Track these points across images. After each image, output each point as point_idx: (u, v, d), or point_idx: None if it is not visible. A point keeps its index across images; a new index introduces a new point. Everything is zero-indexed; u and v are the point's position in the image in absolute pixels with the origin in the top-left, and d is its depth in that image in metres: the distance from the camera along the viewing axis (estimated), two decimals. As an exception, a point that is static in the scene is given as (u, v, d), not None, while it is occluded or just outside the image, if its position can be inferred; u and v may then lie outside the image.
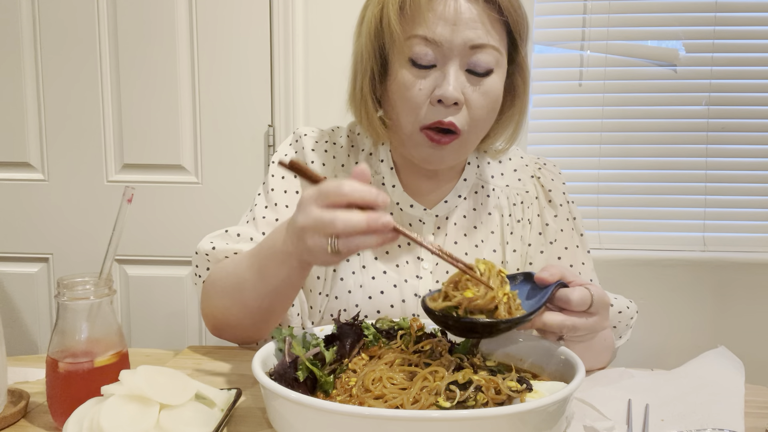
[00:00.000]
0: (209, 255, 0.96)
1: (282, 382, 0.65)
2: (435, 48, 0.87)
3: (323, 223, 0.68)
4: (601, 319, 0.77)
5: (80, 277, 0.69)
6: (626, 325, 0.98)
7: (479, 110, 0.91)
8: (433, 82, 0.89)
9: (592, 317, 0.76)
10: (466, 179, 1.04)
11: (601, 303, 0.77)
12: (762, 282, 1.75)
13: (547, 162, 1.12)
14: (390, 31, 0.89)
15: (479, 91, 0.90)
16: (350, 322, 0.79)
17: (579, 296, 0.75)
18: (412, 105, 0.90)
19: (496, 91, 0.92)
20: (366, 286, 0.98)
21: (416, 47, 0.88)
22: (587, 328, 0.76)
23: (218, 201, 1.74)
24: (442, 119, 0.89)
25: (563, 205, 1.07)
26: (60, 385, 0.68)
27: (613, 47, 1.75)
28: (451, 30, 0.87)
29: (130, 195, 0.71)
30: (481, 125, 0.93)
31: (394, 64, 0.92)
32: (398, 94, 0.91)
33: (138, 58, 1.71)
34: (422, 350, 0.74)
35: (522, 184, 1.07)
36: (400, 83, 0.90)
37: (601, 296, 0.77)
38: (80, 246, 1.79)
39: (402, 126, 0.93)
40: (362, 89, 0.96)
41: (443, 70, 0.89)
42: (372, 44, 0.93)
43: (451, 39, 0.87)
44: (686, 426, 0.70)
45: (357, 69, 0.96)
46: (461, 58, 0.88)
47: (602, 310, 0.77)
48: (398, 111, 0.92)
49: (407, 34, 0.89)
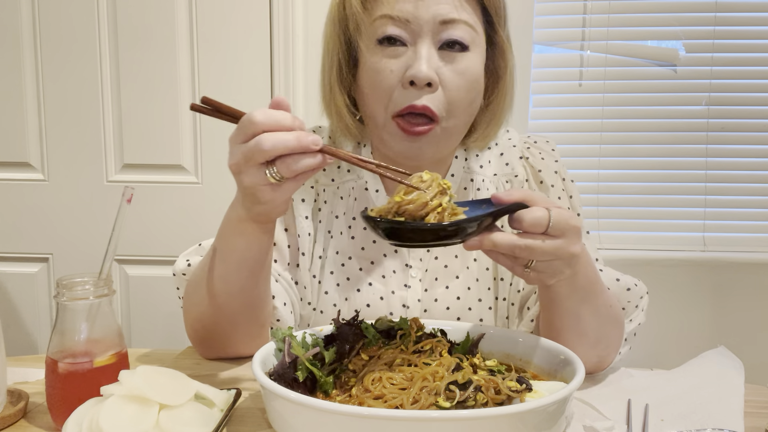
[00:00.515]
0: (187, 273, 0.93)
1: (282, 382, 0.65)
2: (403, 26, 0.83)
3: (250, 150, 0.66)
4: (566, 243, 0.69)
5: (80, 277, 0.69)
6: (636, 306, 0.91)
7: (456, 92, 0.85)
8: (405, 63, 0.84)
9: (554, 240, 0.68)
10: (453, 175, 0.99)
11: (566, 225, 0.68)
12: (762, 282, 1.75)
13: (538, 139, 1.05)
14: (354, 15, 0.86)
15: (455, 71, 0.85)
16: (350, 322, 0.79)
17: (532, 216, 0.67)
18: (382, 89, 0.85)
19: (473, 71, 0.86)
20: (351, 299, 0.94)
21: (383, 27, 0.84)
22: (547, 252, 0.68)
23: (218, 201, 1.74)
24: (415, 103, 0.84)
25: (555, 185, 0.99)
26: (59, 385, 0.68)
27: (613, 47, 1.75)
28: (417, 5, 0.83)
29: (129, 195, 0.71)
30: (460, 110, 0.87)
31: (362, 51, 0.87)
32: (367, 80, 0.87)
33: (138, 58, 1.71)
34: (422, 350, 0.74)
35: (510, 169, 1.00)
36: (370, 68, 0.86)
37: (566, 218, 0.68)
38: (80, 246, 1.79)
39: (373, 117, 0.88)
40: (330, 82, 0.91)
41: (414, 49, 0.84)
42: (337, 34, 0.89)
43: (418, 14, 0.83)
44: (686, 426, 0.70)
45: (324, 63, 0.93)
46: (432, 35, 0.84)
47: (568, 234, 0.69)
48: (368, 100, 0.88)
49: (373, 16, 0.85)
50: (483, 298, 0.95)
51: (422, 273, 0.96)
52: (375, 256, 0.96)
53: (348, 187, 0.98)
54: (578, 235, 0.70)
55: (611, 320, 0.84)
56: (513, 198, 0.70)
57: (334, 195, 0.98)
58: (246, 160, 0.68)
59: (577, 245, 0.70)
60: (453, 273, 0.95)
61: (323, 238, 0.98)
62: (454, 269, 0.96)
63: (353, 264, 0.96)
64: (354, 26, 0.87)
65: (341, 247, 0.97)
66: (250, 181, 0.69)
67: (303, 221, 0.97)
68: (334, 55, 0.90)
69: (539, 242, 0.68)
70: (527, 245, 0.68)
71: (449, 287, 0.95)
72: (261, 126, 0.67)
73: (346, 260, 0.96)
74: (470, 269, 0.96)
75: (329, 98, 0.92)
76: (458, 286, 0.95)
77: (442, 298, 0.95)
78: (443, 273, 0.95)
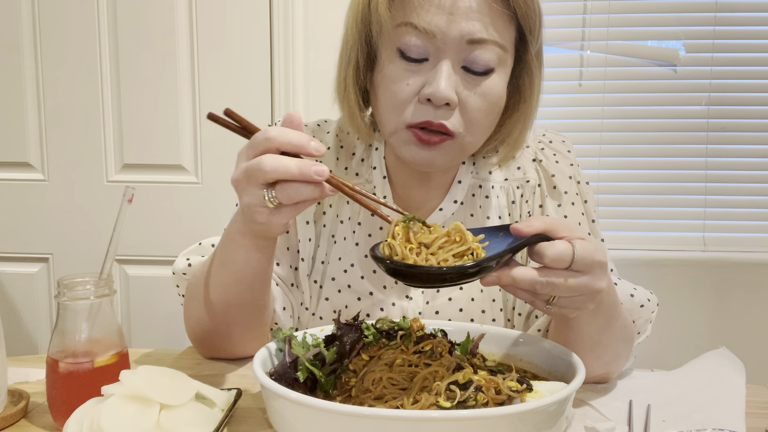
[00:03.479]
0: (187, 273, 0.92)
1: (282, 382, 0.65)
2: (427, 39, 0.78)
3: (251, 170, 0.65)
4: (592, 279, 0.65)
5: (80, 277, 0.69)
6: (646, 320, 0.88)
7: (476, 113, 0.81)
8: (424, 78, 0.79)
9: (578, 276, 0.64)
10: (461, 181, 0.95)
11: (592, 261, 0.64)
12: (762, 282, 1.75)
13: (553, 138, 0.99)
14: (378, 16, 0.80)
15: (476, 93, 0.80)
16: (350, 323, 0.79)
17: (555, 250, 0.63)
18: (396, 101, 0.81)
19: (496, 93, 0.82)
20: (351, 307, 0.93)
21: (406, 36, 0.78)
22: (572, 289, 0.64)
23: (218, 201, 1.74)
24: (431, 120, 0.80)
25: (569, 191, 0.95)
26: (60, 385, 0.68)
27: (613, 47, 1.75)
28: (446, 20, 0.76)
29: (130, 195, 0.71)
30: (479, 129, 0.83)
31: (381, 54, 0.83)
32: (383, 87, 0.82)
33: (138, 58, 1.71)
34: (422, 351, 0.74)
35: (522, 173, 0.96)
36: (386, 76, 0.81)
37: (591, 252, 0.64)
38: (80, 246, 1.78)
39: (385, 123, 0.84)
40: (345, 79, 0.87)
41: (436, 65, 0.79)
42: (359, 30, 0.84)
43: (446, 30, 0.77)
44: (687, 426, 0.70)
45: (342, 57, 0.88)
46: (457, 53, 0.78)
47: (594, 269, 0.65)
48: (382, 107, 0.83)
49: (397, 21, 0.79)
50: (486, 310, 0.93)
51: None
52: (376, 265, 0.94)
53: None
54: (604, 270, 0.66)
55: (624, 339, 0.82)
56: (533, 229, 0.65)
57: (340, 198, 0.96)
58: (247, 178, 0.67)
59: (602, 281, 0.66)
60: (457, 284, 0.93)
61: (326, 242, 0.95)
62: None
63: (356, 271, 0.94)
64: (377, 28, 0.82)
65: (344, 253, 0.94)
66: (248, 200, 0.68)
67: (304, 226, 0.95)
68: (352, 53, 0.85)
69: (562, 279, 0.64)
70: (549, 282, 0.64)
71: (452, 299, 0.93)
72: (275, 143, 0.65)
73: (349, 267, 0.94)
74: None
75: (343, 95, 0.89)
76: (461, 297, 0.93)
77: (444, 309, 0.93)
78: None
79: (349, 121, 0.90)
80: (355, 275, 0.93)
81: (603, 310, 0.75)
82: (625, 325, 0.81)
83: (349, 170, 0.97)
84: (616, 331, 0.79)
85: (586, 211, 0.97)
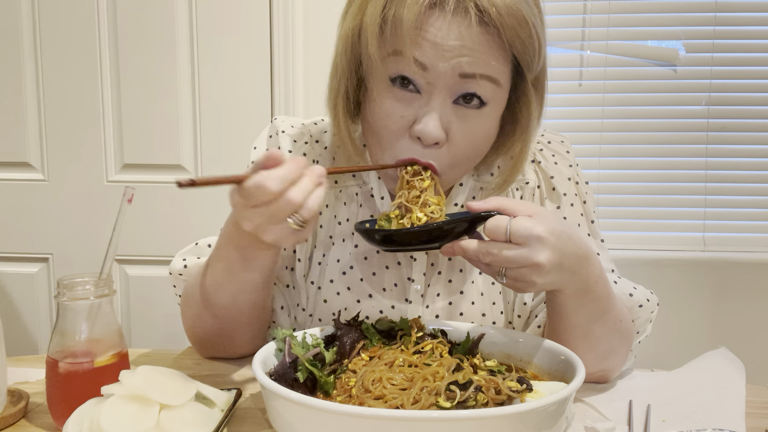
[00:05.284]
0: (183, 273, 0.93)
1: (282, 382, 0.65)
2: (419, 72, 0.76)
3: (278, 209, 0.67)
4: (529, 251, 0.69)
5: (80, 277, 0.69)
6: (646, 319, 0.89)
7: (464, 149, 0.81)
8: (415, 111, 0.78)
9: (515, 248, 0.69)
10: (462, 184, 0.94)
11: (528, 234, 0.69)
12: (762, 282, 1.75)
13: (552, 138, 0.99)
14: (368, 47, 0.78)
15: (465, 128, 0.79)
16: (350, 323, 0.79)
17: (491, 223, 0.70)
18: (389, 135, 0.80)
19: (486, 128, 0.81)
20: (350, 310, 0.92)
21: (397, 66, 0.77)
22: (509, 260, 0.70)
23: (218, 201, 1.73)
24: (418, 159, 0.79)
25: (568, 192, 0.95)
26: (60, 385, 0.68)
27: (613, 47, 1.75)
28: (437, 54, 0.75)
29: (130, 195, 0.71)
30: (465, 163, 0.83)
31: (371, 85, 0.81)
32: (375, 119, 0.81)
33: (138, 58, 1.71)
34: (422, 351, 0.74)
35: (521, 175, 0.95)
36: (378, 108, 0.80)
37: (528, 227, 0.69)
38: (80, 246, 1.78)
39: (375, 155, 0.84)
40: (336, 107, 0.86)
41: (428, 100, 0.77)
42: (348, 60, 0.83)
43: (437, 65, 0.75)
44: (687, 426, 0.70)
45: (331, 84, 0.87)
46: (449, 87, 0.77)
47: (531, 243, 0.69)
48: (373, 138, 0.83)
49: (387, 51, 0.77)
50: (487, 313, 0.93)
51: (424, 287, 0.93)
52: (377, 268, 0.93)
53: (351, 192, 0.95)
54: (543, 244, 0.69)
55: (620, 335, 0.82)
56: (486, 207, 0.72)
57: (337, 199, 0.95)
58: (270, 219, 0.69)
59: (541, 254, 0.69)
60: (456, 288, 0.92)
61: (324, 243, 0.95)
62: (458, 284, 0.92)
63: (355, 273, 0.93)
64: (367, 60, 0.80)
65: (343, 255, 0.94)
66: (274, 237, 0.70)
67: None
68: (342, 81, 0.84)
69: (497, 250, 0.70)
70: (488, 252, 0.71)
71: (452, 302, 0.92)
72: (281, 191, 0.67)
73: (348, 269, 0.93)
74: (475, 283, 0.93)
75: (334, 120, 0.88)
76: (461, 301, 0.92)
77: (444, 314, 0.92)
78: (446, 288, 0.93)
79: (340, 143, 0.90)
80: (354, 277, 0.93)
81: (590, 298, 0.76)
82: (620, 320, 0.82)
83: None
84: (609, 323, 0.80)
85: (585, 212, 0.96)
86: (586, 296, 0.76)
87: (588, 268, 0.75)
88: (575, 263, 0.73)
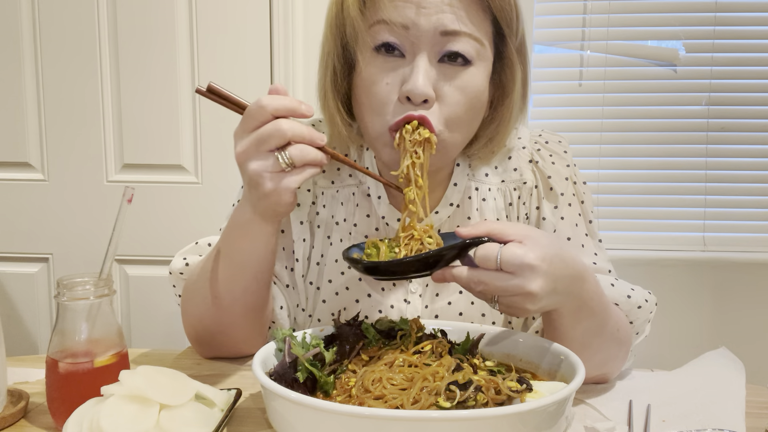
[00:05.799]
0: (184, 272, 0.93)
1: (282, 382, 0.65)
2: (401, 34, 0.78)
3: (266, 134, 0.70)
4: (521, 280, 0.68)
5: (80, 277, 0.70)
6: (645, 320, 0.89)
7: (455, 107, 0.80)
8: (402, 75, 0.79)
9: (507, 277, 0.68)
10: (456, 183, 0.93)
11: (519, 263, 0.67)
12: (762, 282, 1.75)
13: (550, 139, 0.98)
14: (351, 19, 0.80)
15: (454, 85, 0.79)
16: (350, 323, 0.79)
17: (481, 251, 0.69)
18: (378, 102, 0.80)
19: (475, 86, 0.81)
20: (349, 310, 0.92)
21: (380, 34, 0.79)
22: (500, 288, 0.69)
23: (218, 201, 1.74)
24: (411, 113, 0.78)
25: (565, 193, 0.94)
26: (60, 385, 0.68)
27: (613, 47, 1.75)
28: (418, 13, 0.76)
29: (130, 195, 0.71)
30: (459, 126, 0.82)
31: (358, 58, 0.82)
32: (363, 89, 0.82)
33: (138, 58, 1.71)
34: (422, 351, 0.74)
35: (519, 175, 0.95)
36: (365, 78, 0.81)
37: (519, 255, 0.67)
38: (80, 246, 1.78)
39: (368, 127, 0.84)
40: (324, 86, 0.87)
41: (412, 60, 0.78)
42: (334, 36, 0.84)
43: (418, 22, 0.76)
44: (687, 426, 0.70)
45: (320, 64, 0.88)
46: (432, 46, 0.78)
47: (522, 272, 0.68)
48: (364, 111, 0.83)
49: (370, 22, 0.79)
50: (487, 313, 0.93)
51: (422, 288, 0.93)
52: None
53: (348, 193, 0.95)
54: (535, 272, 0.68)
55: (618, 342, 0.82)
56: (475, 233, 0.71)
57: (334, 199, 0.95)
58: (258, 145, 0.71)
59: (533, 283, 0.68)
60: (456, 288, 0.92)
61: (321, 243, 0.95)
62: (457, 285, 0.90)
63: (353, 273, 0.93)
64: (351, 31, 0.82)
65: (341, 256, 0.93)
66: (256, 166, 0.72)
67: (298, 226, 0.95)
68: (329, 60, 0.86)
69: (489, 279, 0.69)
70: (480, 279, 0.69)
71: (451, 302, 0.92)
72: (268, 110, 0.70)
73: (346, 269, 0.94)
74: None
75: (323, 101, 0.89)
76: (460, 301, 0.92)
77: (443, 313, 0.92)
78: (444, 288, 0.93)
79: (330, 127, 0.90)
80: (353, 277, 0.93)
81: (586, 314, 0.76)
82: (618, 328, 0.82)
83: (341, 170, 0.97)
84: (607, 334, 0.80)
85: (583, 212, 0.96)
86: (582, 313, 0.76)
87: (582, 286, 0.75)
88: (569, 285, 0.73)
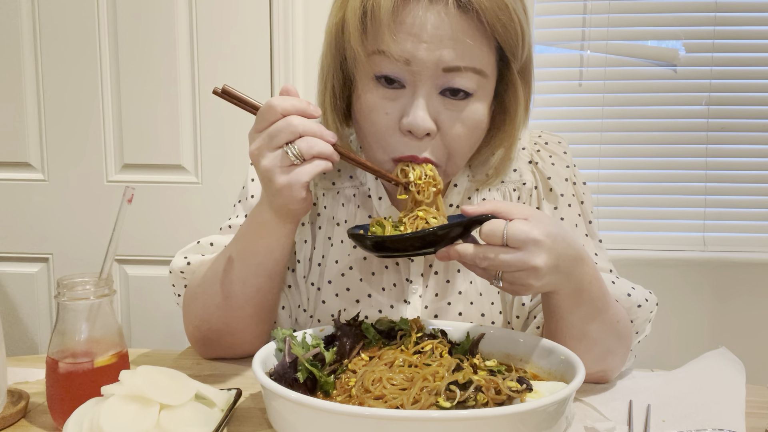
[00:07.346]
0: (185, 272, 0.93)
1: (282, 382, 0.65)
2: (402, 67, 0.76)
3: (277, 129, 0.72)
4: (526, 255, 0.69)
5: (80, 277, 0.69)
6: (645, 319, 0.89)
7: (457, 139, 0.80)
8: (401, 106, 0.79)
9: (512, 252, 0.69)
10: (456, 185, 0.94)
11: (525, 237, 0.69)
12: (762, 282, 1.75)
13: (549, 139, 0.98)
14: (351, 44, 0.79)
15: (456, 118, 0.79)
16: (350, 323, 0.79)
17: (487, 227, 0.70)
18: (379, 132, 0.80)
19: (476, 118, 0.81)
20: (350, 310, 0.93)
21: (380, 65, 0.77)
22: (506, 263, 0.69)
23: (218, 201, 1.74)
24: (416, 155, 0.79)
25: (565, 193, 0.94)
26: (60, 385, 0.68)
27: (613, 47, 1.75)
28: (421, 48, 0.75)
29: (130, 195, 0.71)
30: (460, 154, 0.83)
31: (357, 82, 0.82)
32: (362, 115, 0.81)
33: (138, 58, 1.71)
34: (422, 351, 0.74)
35: (518, 175, 0.95)
36: (364, 105, 0.80)
37: (524, 231, 0.69)
38: (80, 246, 1.78)
39: (372, 152, 0.84)
40: (324, 104, 0.87)
41: (413, 93, 0.78)
42: (333, 57, 0.84)
43: (420, 57, 0.75)
44: (687, 426, 0.71)
45: (320, 81, 0.88)
46: (434, 80, 0.77)
47: (528, 246, 0.69)
48: (364, 134, 0.83)
49: (370, 50, 0.78)
50: (486, 313, 0.93)
51: (422, 288, 0.93)
52: (376, 268, 0.93)
53: (349, 194, 0.96)
54: (540, 247, 0.69)
55: (618, 335, 0.82)
56: (481, 210, 0.73)
57: (334, 200, 0.96)
58: (269, 140, 0.73)
59: (538, 257, 0.69)
60: (455, 288, 0.93)
61: (322, 245, 0.95)
62: (457, 285, 0.93)
63: (354, 274, 0.93)
64: (351, 55, 0.81)
65: (342, 256, 0.94)
66: (267, 162, 0.73)
67: (300, 228, 0.95)
68: (328, 79, 0.86)
69: (494, 254, 0.70)
70: (485, 256, 0.70)
71: (451, 303, 0.92)
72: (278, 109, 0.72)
73: (347, 270, 0.94)
74: (474, 283, 0.93)
75: (322, 117, 0.88)
76: (460, 302, 0.92)
77: (443, 314, 0.92)
78: (445, 289, 0.93)
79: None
80: (353, 278, 0.93)
81: (585, 299, 0.77)
82: (617, 320, 0.82)
83: (342, 172, 0.97)
84: (605, 324, 0.80)
85: (582, 212, 0.96)
86: (581, 297, 0.76)
87: (582, 269, 0.75)
88: (570, 265, 0.73)
